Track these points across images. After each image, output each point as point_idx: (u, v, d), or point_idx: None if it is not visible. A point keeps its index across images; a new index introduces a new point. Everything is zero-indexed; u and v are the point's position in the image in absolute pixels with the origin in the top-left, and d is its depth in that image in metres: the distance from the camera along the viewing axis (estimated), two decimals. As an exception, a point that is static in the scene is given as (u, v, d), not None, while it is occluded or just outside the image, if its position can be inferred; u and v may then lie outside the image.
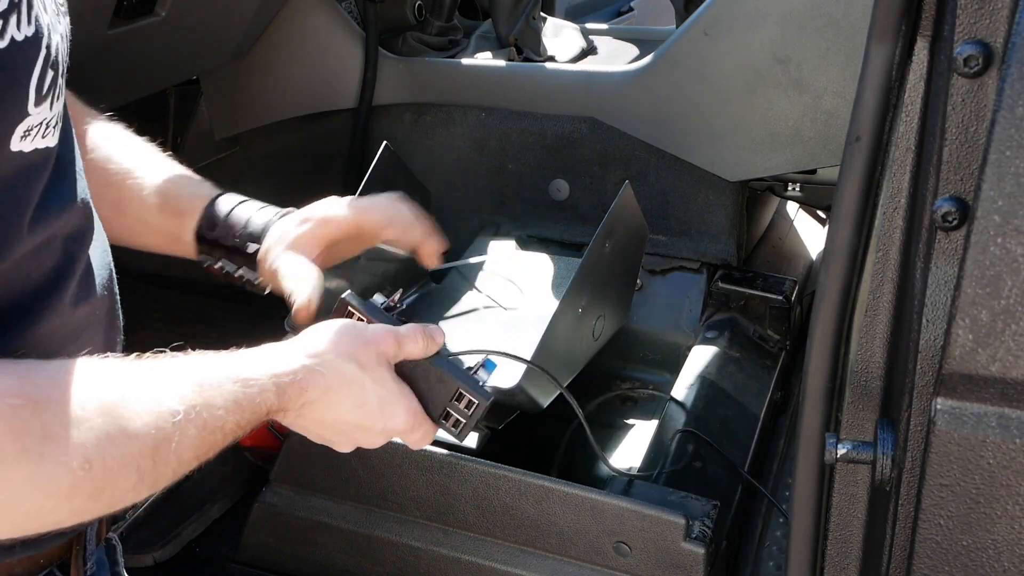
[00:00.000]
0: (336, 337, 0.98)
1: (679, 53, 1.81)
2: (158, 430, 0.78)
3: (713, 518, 1.36)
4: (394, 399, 1.00)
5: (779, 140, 1.76)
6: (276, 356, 0.93)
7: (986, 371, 0.74)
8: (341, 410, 0.97)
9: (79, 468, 0.72)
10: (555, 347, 1.32)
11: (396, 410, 1.00)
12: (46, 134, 0.72)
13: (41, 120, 0.71)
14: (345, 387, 0.97)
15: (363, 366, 0.98)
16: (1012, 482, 0.76)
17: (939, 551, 0.80)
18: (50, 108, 0.72)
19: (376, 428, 1.01)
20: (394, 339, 1.02)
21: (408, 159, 2.07)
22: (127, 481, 0.77)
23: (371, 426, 1.00)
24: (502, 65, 2.01)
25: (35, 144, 0.71)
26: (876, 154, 0.85)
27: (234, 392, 0.86)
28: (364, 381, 0.98)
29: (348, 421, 0.99)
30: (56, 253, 0.77)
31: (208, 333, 2.28)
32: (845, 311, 0.89)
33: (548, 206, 1.98)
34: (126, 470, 0.76)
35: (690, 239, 1.91)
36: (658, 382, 1.87)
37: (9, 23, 0.66)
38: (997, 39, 0.76)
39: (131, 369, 0.80)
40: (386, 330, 1.02)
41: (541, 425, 1.39)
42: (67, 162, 0.79)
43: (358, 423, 1.00)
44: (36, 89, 0.69)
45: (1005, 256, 0.72)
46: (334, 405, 0.96)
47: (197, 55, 1.98)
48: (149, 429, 0.78)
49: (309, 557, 1.53)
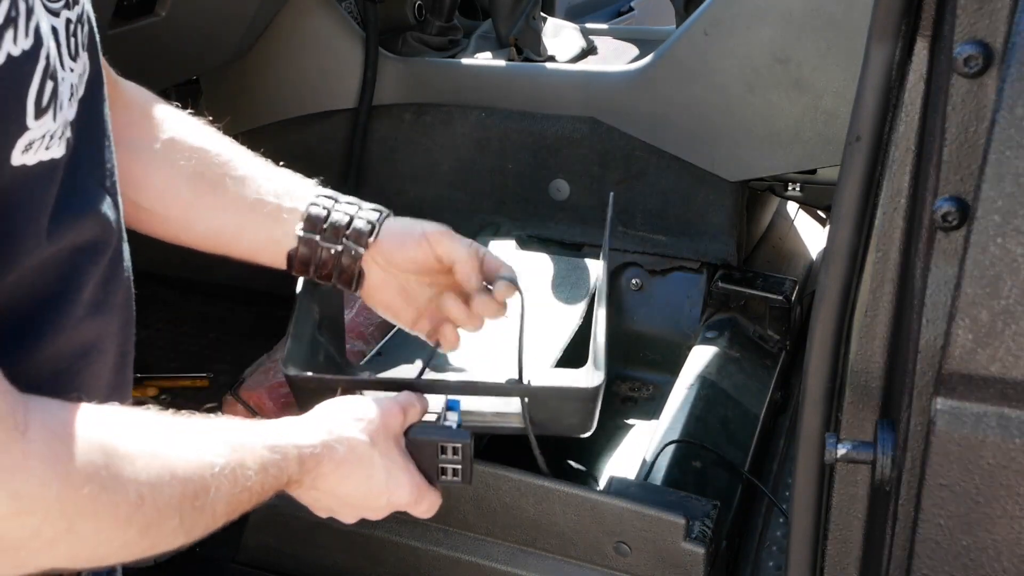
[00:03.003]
0: (348, 414, 1.02)
1: (679, 53, 1.81)
2: (199, 478, 0.81)
3: (713, 518, 1.36)
4: (399, 472, 1.04)
5: (779, 140, 1.76)
6: (298, 428, 0.97)
7: (986, 371, 0.74)
8: (350, 484, 1.01)
9: (134, 501, 0.75)
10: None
11: (401, 483, 1.04)
12: (50, 145, 0.72)
13: (43, 132, 0.71)
14: (356, 462, 1.00)
15: (374, 442, 1.02)
16: (1012, 482, 0.76)
17: (939, 551, 0.80)
18: (53, 119, 0.71)
19: (381, 502, 1.05)
20: (399, 410, 1.06)
21: (408, 159, 2.08)
22: (170, 523, 0.79)
23: (377, 499, 1.04)
24: (502, 65, 2.01)
25: (39, 156, 0.71)
26: (876, 154, 0.85)
27: (263, 456, 0.90)
28: (373, 456, 1.02)
29: (356, 495, 1.03)
30: (63, 265, 0.76)
31: (208, 333, 2.28)
32: (845, 311, 0.89)
33: (548, 206, 1.98)
34: (170, 511, 0.79)
35: (690, 239, 1.91)
36: (658, 382, 1.88)
37: (4, 39, 0.65)
38: (997, 39, 0.76)
39: (170, 420, 0.82)
40: (391, 403, 1.07)
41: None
42: (82, 173, 0.78)
43: (365, 496, 1.03)
44: (35, 102, 0.69)
45: (1005, 256, 0.72)
46: (345, 479, 1.00)
47: (197, 55, 1.98)
48: (192, 475, 0.80)
49: (309, 557, 1.53)
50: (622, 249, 1.94)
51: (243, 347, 0.88)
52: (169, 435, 0.81)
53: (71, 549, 0.74)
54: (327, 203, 1.14)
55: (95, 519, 0.73)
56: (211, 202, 1.11)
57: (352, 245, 1.13)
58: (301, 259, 1.13)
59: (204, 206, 1.11)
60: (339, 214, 1.13)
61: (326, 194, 1.15)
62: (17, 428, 0.68)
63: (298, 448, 0.94)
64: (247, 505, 0.89)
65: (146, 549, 0.80)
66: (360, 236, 1.13)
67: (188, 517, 0.81)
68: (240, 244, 1.14)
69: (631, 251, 1.94)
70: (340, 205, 1.14)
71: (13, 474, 0.67)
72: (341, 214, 1.13)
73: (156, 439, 0.79)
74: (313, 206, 1.13)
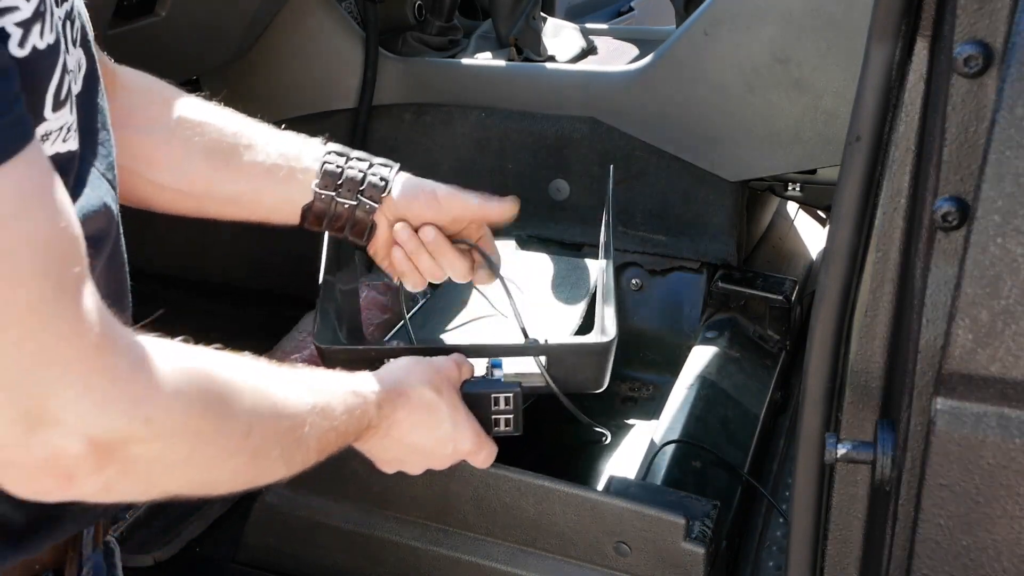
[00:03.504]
0: (414, 367, 1.11)
1: (679, 53, 1.81)
2: (297, 414, 0.88)
3: (713, 518, 1.36)
4: (463, 421, 1.12)
5: (779, 140, 1.76)
6: (374, 378, 1.04)
7: (986, 371, 0.74)
8: (421, 431, 1.08)
9: (243, 430, 0.81)
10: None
11: (465, 431, 1.12)
12: (67, 138, 0.74)
13: (61, 124, 0.72)
14: (426, 410, 1.08)
15: (440, 392, 1.10)
16: (1012, 482, 0.76)
17: (939, 551, 0.80)
18: (70, 112, 0.73)
19: (448, 450, 1.12)
20: (455, 365, 1.15)
21: (408, 159, 2.07)
22: (272, 453, 0.86)
23: (444, 447, 1.11)
24: (502, 65, 2.01)
25: (56, 148, 0.73)
26: (876, 154, 0.85)
27: (347, 399, 0.97)
28: (441, 406, 1.09)
29: (425, 442, 1.10)
30: None
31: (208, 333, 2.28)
32: (845, 311, 0.89)
33: (548, 206, 1.98)
34: (273, 442, 0.85)
35: (690, 239, 1.91)
36: (658, 382, 1.87)
37: (32, 32, 0.67)
38: (997, 39, 0.76)
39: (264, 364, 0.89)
40: (448, 360, 1.15)
41: (541, 425, 1.39)
42: (86, 165, 0.80)
43: (433, 444, 1.10)
44: (54, 95, 0.71)
45: (1005, 256, 0.72)
46: (416, 427, 1.07)
47: (197, 55, 1.98)
48: (290, 411, 0.88)
49: (309, 557, 1.53)
50: (622, 249, 1.94)
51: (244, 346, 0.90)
52: (267, 374, 0.88)
53: (190, 473, 0.79)
54: (339, 160, 1.20)
55: (213, 445, 0.79)
56: (228, 172, 1.16)
57: (366, 200, 1.19)
58: (316, 213, 1.19)
59: (222, 177, 1.16)
60: (353, 170, 1.19)
61: (337, 150, 1.21)
62: (141, 360, 0.73)
63: (376, 394, 1.01)
64: (333, 446, 0.95)
65: (252, 479, 0.86)
66: (375, 191, 1.19)
67: (287, 449, 0.87)
68: (259, 208, 1.20)
69: (631, 251, 1.94)
70: (352, 161, 1.20)
71: (143, 402, 0.72)
72: (355, 170, 1.19)
73: (258, 377, 0.86)
74: (327, 164, 1.19)
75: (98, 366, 0.69)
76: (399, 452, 1.09)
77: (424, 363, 1.12)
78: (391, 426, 1.04)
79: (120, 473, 0.73)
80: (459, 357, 1.17)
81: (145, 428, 0.72)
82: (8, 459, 0.69)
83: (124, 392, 0.71)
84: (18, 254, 0.64)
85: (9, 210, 0.63)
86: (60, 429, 0.68)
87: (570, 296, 1.65)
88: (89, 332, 0.69)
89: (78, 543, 0.87)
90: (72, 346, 0.67)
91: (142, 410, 0.72)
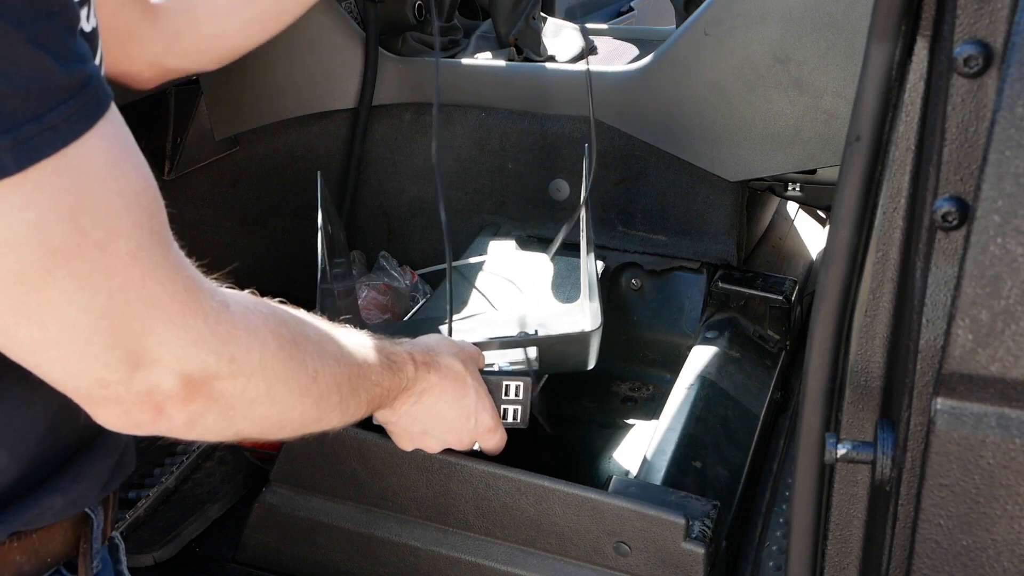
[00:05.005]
0: (443, 340, 1.19)
1: (679, 53, 1.81)
2: (351, 364, 0.96)
3: (713, 518, 1.36)
4: (485, 396, 1.20)
5: (779, 140, 1.76)
6: (408, 342, 1.12)
7: (986, 371, 0.74)
8: (448, 400, 1.15)
9: (311, 374, 0.88)
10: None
11: (486, 406, 1.19)
12: None
13: None
14: (454, 379, 1.15)
15: (465, 365, 1.17)
16: (1012, 482, 0.76)
17: (939, 551, 0.80)
18: None
19: (470, 424, 1.19)
20: (477, 349, 1.24)
21: (408, 159, 2.08)
22: (332, 399, 0.92)
23: (467, 419, 1.18)
24: (502, 65, 2.01)
25: None
26: (876, 154, 0.85)
27: (389, 357, 1.05)
28: (467, 378, 1.17)
29: (450, 413, 1.16)
30: None
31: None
32: (845, 311, 0.89)
33: (548, 206, 1.98)
34: (334, 388, 0.92)
35: (690, 239, 1.91)
36: (658, 382, 1.88)
37: (80, 15, 0.71)
38: (997, 39, 0.76)
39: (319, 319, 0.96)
40: (468, 343, 1.23)
41: (540, 426, 1.39)
42: None
43: (457, 414, 1.17)
44: None
45: (1005, 256, 0.72)
46: (444, 394, 1.14)
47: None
48: (346, 359, 0.95)
49: (309, 557, 1.53)
50: (622, 249, 1.94)
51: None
52: (327, 327, 0.95)
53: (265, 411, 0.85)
54: None
55: (286, 385, 0.85)
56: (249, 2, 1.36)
57: None
58: None
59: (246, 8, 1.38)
60: None
61: None
62: (223, 304, 0.79)
63: (411, 356, 1.09)
64: (377, 402, 1.03)
65: (315, 421, 0.92)
66: None
67: (345, 397, 0.94)
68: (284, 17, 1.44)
69: (631, 251, 1.94)
70: None
71: (227, 341, 0.78)
72: None
73: (319, 327, 0.93)
74: None
75: (191, 308, 0.75)
76: (425, 422, 1.15)
77: (450, 339, 1.19)
78: (423, 391, 1.11)
79: (204, 407, 0.78)
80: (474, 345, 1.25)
81: (230, 366, 0.78)
82: (110, 395, 0.74)
83: (214, 332, 0.77)
84: (115, 207, 0.69)
85: (102, 167, 0.68)
86: (158, 366, 0.74)
87: (570, 296, 1.65)
88: (180, 275, 0.75)
89: (89, 537, 0.88)
90: (167, 290, 0.73)
91: (228, 348, 0.78)
